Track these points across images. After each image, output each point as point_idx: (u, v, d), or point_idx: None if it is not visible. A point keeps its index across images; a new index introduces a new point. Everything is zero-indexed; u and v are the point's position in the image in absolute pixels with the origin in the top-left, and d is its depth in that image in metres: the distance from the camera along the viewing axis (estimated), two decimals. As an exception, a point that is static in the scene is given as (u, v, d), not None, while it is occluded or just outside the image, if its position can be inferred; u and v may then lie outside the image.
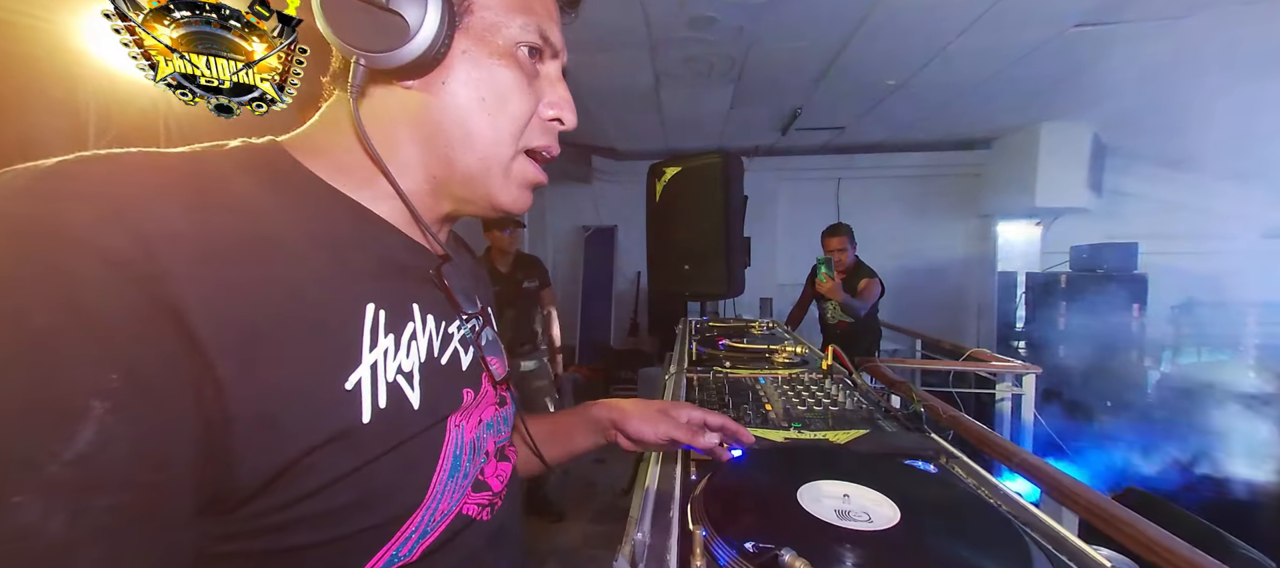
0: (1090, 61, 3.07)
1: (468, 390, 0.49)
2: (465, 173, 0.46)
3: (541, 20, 0.47)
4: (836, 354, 1.28)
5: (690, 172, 2.39)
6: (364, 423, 0.38)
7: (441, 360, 0.47)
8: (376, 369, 0.40)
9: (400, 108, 0.44)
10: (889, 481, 0.62)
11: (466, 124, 0.45)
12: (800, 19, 2.63)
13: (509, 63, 0.45)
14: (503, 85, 0.45)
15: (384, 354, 0.40)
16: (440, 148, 0.45)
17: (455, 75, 0.44)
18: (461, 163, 0.46)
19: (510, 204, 0.49)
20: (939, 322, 4.87)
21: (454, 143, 0.45)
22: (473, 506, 0.49)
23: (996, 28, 2.64)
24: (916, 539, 0.52)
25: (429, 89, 0.44)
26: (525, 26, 0.46)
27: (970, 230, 5.40)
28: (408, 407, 0.41)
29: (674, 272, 2.43)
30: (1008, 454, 1.23)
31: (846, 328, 3.25)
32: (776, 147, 5.17)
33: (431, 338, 0.46)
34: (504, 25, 0.45)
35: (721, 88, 3.58)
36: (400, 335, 0.42)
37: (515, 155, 0.48)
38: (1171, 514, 1.43)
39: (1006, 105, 3.90)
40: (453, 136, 0.45)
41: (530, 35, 0.46)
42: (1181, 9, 2.43)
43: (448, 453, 0.46)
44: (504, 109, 0.45)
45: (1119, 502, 0.98)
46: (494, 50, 0.45)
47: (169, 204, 0.32)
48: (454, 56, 0.44)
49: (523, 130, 0.47)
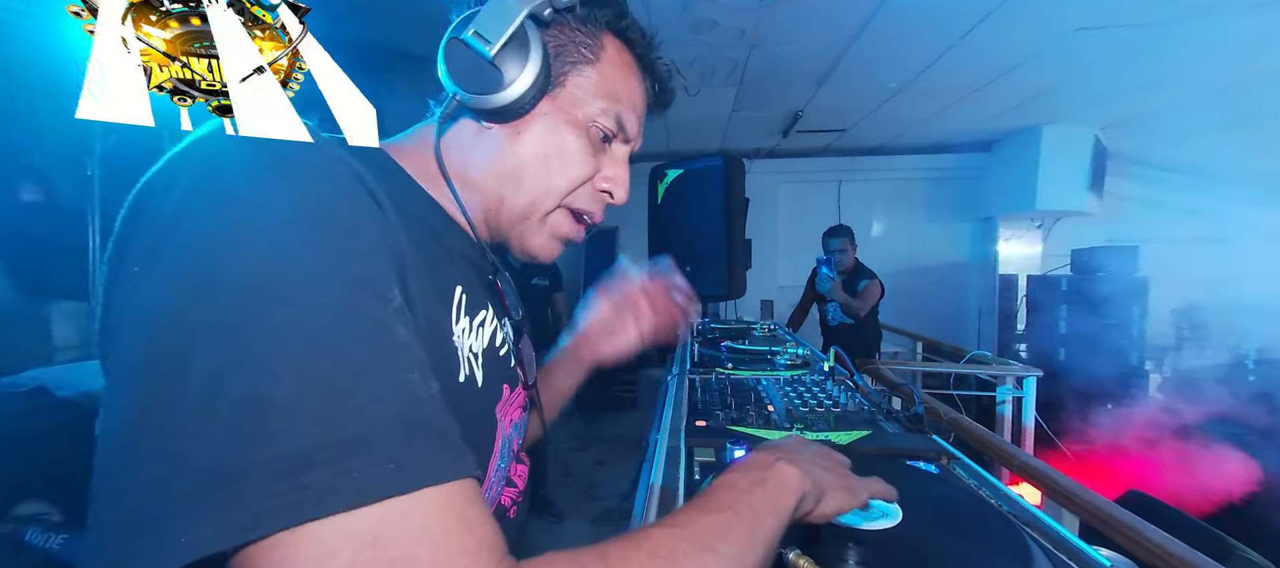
0: (1091, 65, 3.08)
1: (506, 386, 0.53)
2: (511, 211, 0.52)
3: (623, 110, 0.53)
4: (838, 356, 1.28)
5: (692, 174, 2.39)
6: (459, 382, 0.44)
7: (498, 351, 0.52)
8: (460, 340, 0.46)
9: (478, 140, 0.51)
10: (891, 481, 0.63)
11: (524, 171, 0.51)
12: (802, 22, 2.64)
13: (579, 133, 0.52)
14: (568, 150, 0.51)
15: (462, 332, 0.47)
16: (496, 184, 0.52)
17: (532, 130, 0.50)
18: (510, 201, 0.52)
19: (538, 250, 0.55)
20: (940, 324, 4.86)
21: (508, 183, 0.51)
22: (507, 498, 0.52)
23: (998, 31, 2.65)
24: (918, 538, 0.53)
25: (507, 134, 0.50)
26: (605, 111, 0.52)
27: (971, 233, 5.40)
28: (476, 382, 0.47)
29: (675, 273, 2.43)
30: (1008, 457, 1.24)
31: (847, 329, 3.25)
32: (778, 149, 5.18)
33: (494, 329, 0.52)
34: (586, 104, 0.52)
35: (723, 90, 3.58)
36: (474, 319, 0.49)
37: (556, 208, 0.53)
38: (1170, 517, 1.43)
39: (1007, 108, 3.91)
40: (509, 177, 0.51)
41: (607, 120, 0.53)
42: (1183, 13, 2.44)
43: (500, 439, 0.51)
44: (562, 170, 0.52)
45: (1118, 504, 0.98)
46: (571, 120, 0.51)
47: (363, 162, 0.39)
48: (536, 115, 0.50)
49: (572, 191, 0.53)
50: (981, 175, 5.16)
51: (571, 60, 0.51)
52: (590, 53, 0.51)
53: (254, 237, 0.29)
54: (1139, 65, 3.02)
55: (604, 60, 0.52)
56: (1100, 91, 3.51)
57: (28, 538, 1.70)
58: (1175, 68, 3.03)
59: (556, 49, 0.50)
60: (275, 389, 0.25)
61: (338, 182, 0.35)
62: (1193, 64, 2.97)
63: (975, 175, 5.21)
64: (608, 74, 0.52)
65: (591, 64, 0.52)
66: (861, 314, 3.17)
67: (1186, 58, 2.90)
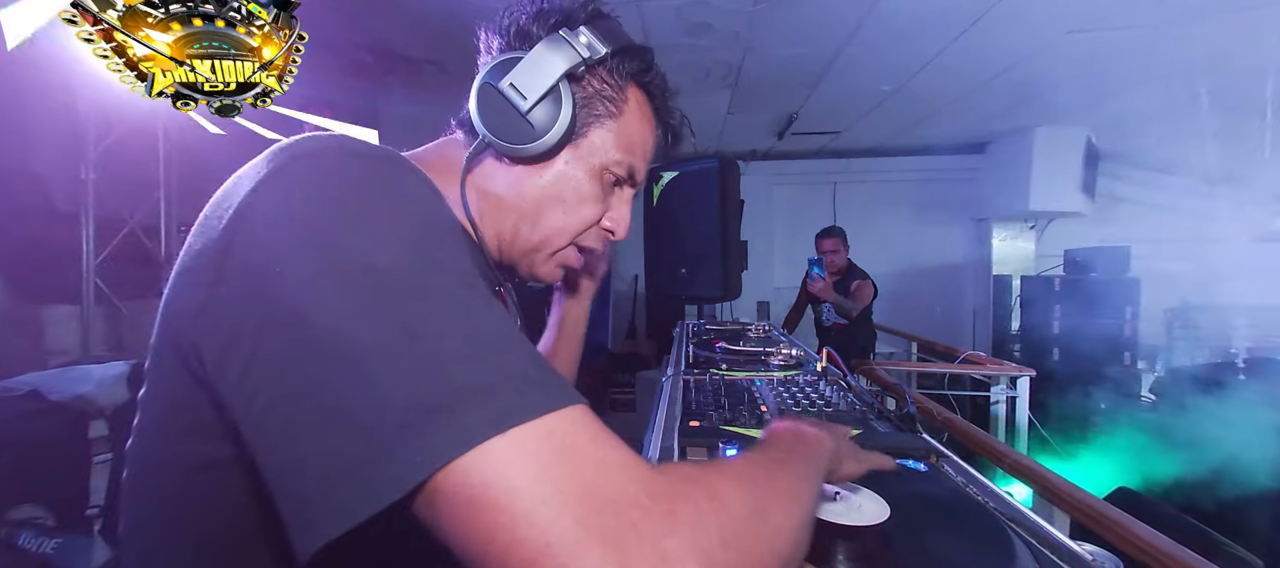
0: (1083, 67, 3.11)
1: None
2: (524, 244, 0.56)
3: (636, 161, 0.57)
4: (831, 356, 1.30)
5: (687, 176, 2.40)
6: None
7: None
8: None
9: (500, 175, 0.55)
10: (880, 479, 0.64)
11: (542, 210, 0.55)
12: (796, 25, 2.65)
13: (594, 180, 0.56)
14: (583, 195, 0.56)
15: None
16: (514, 217, 0.55)
17: (551, 172, 0.54)
18: (524, 235, 0.56)
19: (545, 277, 0.60)
20: (934, 325, 4.89)
21: (526, 218, 0.55)
22: None
23: (990, 33, 2.67)
24: (905, 534, 0.54)
25: (529, 173, 0.54)
26: (620, 163, 0.56)
27: (965, 234, 5.43)
28: None
29: (671, 275, 2.44)
30: (1000, 456, 1.25)
31: (841, 330, 3.26)
32: (773, 151, 5.21)
33: None
34: (605, 154, 0.55)
35: (718, 93, 3.60)
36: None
37: (566, 246, 0.58)
38: (1160, 514, 1.45)
39: (1000, 110, 3.94)
40: (526, 214, 0.55)
41: (622, 170, 0.57)
42: (1173, 16, 2.47)
43: None
44: (575, 212, 0.56)
45: (1109, 502, 1.00)
46: (588, 168, 0.55)
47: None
48: (557, 160, 0.54)
49: (581, 232, 0.58)
50: (975, 177, 5.19)
51: (597, 114, 0.54)
52: (614, 106, 0.55)
53: (393, 233, 0.34)
54: (1130, 67, 3.06)
55: (626, 113, 0.55)
56: (1092, 94, 3.55)
57: (21, 542, 1.69)
58: (1166, 70, 3.06)
59: (583, 100, 0.53)
60: (452, 344, 0.31)
61: (423, 186, 0.40)
62: (1183, 66, 3.00)
63: (969, 177, 5.24)
64: (628, 126, 0.56)
65: (614, 116, 0.55)
66: (853, 314, 3.18)
67: (1177, 60, 2.93)
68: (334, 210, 0.34)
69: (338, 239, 0.33)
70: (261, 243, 0.33)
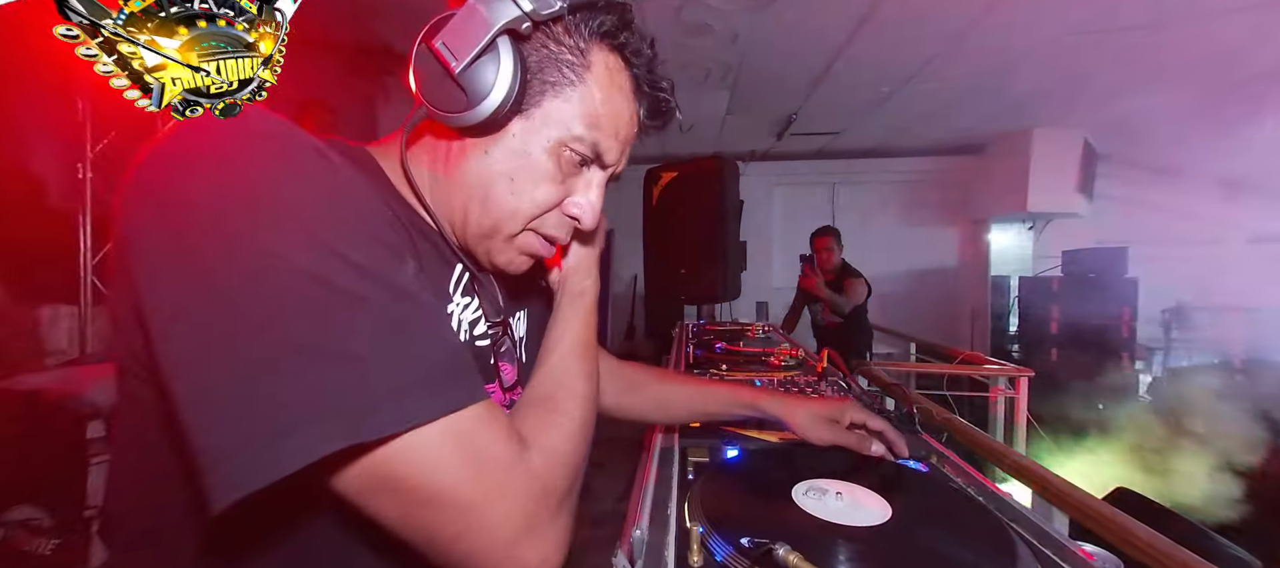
0: (1081, 69, 3.12)
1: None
2: (475, 228, 0.50)
3: (602, 137, 0.49)
4: (831, 357, 1.30)
5: (686, 176, 2.41)
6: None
7: (476, 341, 0.54)
8: (454, 315, 0.49)
9: (448, 150, 0.50)
10: (881, 479, 0.64)
11: (489, 190, 0.48)
12: (795, 26, 2.66)
13: (550, 157, 0.48)
14: (535, 173, 0.48)
15: (458, 307, 0.50)
16: (462, 197, 0.49)
17: (499, 147, 0.47)
18: (474, 218, 0.50)
19: (505, 266, 0.53)
20: (933, 325, 4.90)
21: (474, 200, 0.49)
22: None
23: (989, 35, 2.68)
24: (905, 534, 0.54)
25: (475, 148, 0.48)
26: (580, 138, 0.48)
27: (964, 235, 5.44)
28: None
29: (670, 275, 2.45)
30: (999, 456, 1.25)
31: (836, 330, 3.27)
32: (772, 152, 5.21)
33: (477, 318, 0.54)
34: (561, 128, 0.47)
35: (717, 94, 3.60)
36: (465, 304, 0.52)
37: (522, 231, 0.51)
38: (1159, 513, 1.45)
39: (999, 111, 3.95)
40: (474, 194, 0.49)
41: (582, 147, 0.48)
42: (1171, 17, 2.48)
43: None
44: (527, 193, 0.49)
45: (1107, 502, 1.00)
46: (542, 143, 0.48)
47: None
48: (505, 134, 0.47)
49: (537, 216, 0.50)
50: (973, 177, 5.20)
51: (550, 80, 0.47)
52: (573, 72, 0.47)
53: (299, 219, 0.34)
54: (1128, 68, 3.07)
55: (589, 80, 0.47)
56: (1090, 95, 3.56)
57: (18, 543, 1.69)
58: (1164, 71, 3.07)
59: (537, 64, 0.46)
60: (358, 346, 0.34)
61: (324, 163, 0.37)
62: (1181, 67, 3.01)
63: (967, 177, 5.25)
64: (591, 96, 0.47)
65: (573, 84, 0.47)
66: (845, 310, 3.20)
67: (1175, 61, 2.94)
68: (230, 197, 0.33)
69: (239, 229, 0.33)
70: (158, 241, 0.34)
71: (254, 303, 0.32)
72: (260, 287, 0.32)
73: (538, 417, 0.45)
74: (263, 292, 0.32)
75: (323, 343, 0.32)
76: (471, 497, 0.35)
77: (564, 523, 0.41)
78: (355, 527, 0.40)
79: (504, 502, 0.37)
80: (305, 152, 0.37)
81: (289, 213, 0.34)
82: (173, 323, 0.33)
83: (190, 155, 0.34)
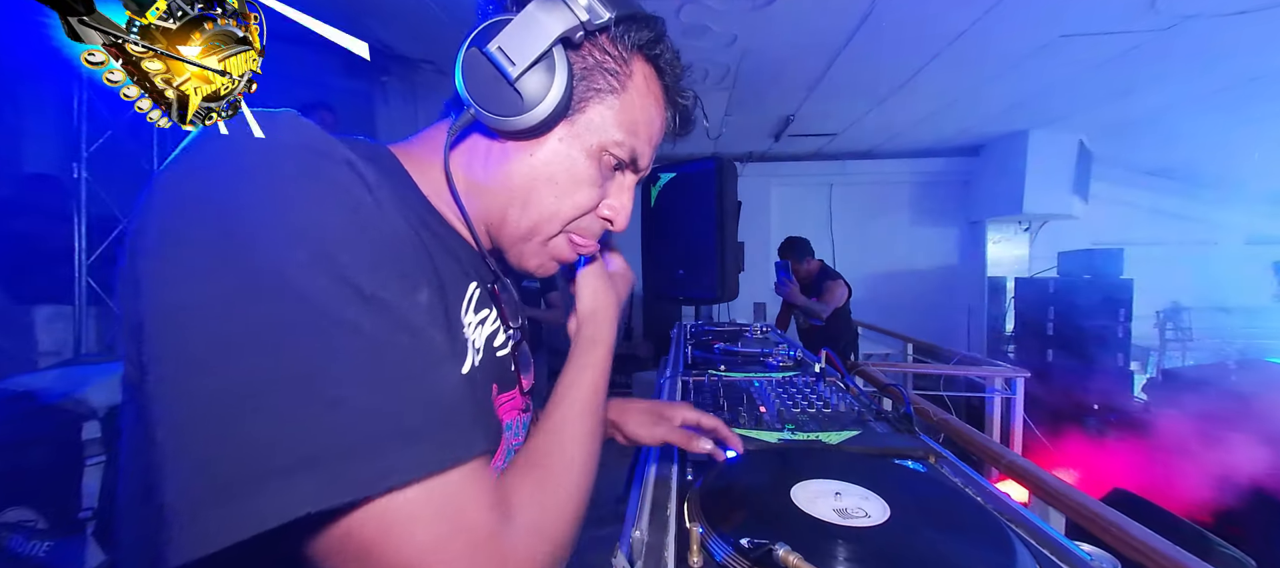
0: (1077, 71, 3.14)
1: (496, 385, 0.53)
2: (513, 229, 0.51)
3: (639, 144, 0.51)
4: (829, 358, 1.30)
5: (684, 177, 2.40)
6: (463, 373, 0.44)
7: (496, 351, 0.53)
8: (468, 333, 0.48)
9: (490, 153, 0.50)
10: (879, 479, 0.64)
11: (531, 192, 0.49)
12: (792, 29, 2.66)
13: (592, 162, 0.50)
14: (579, 176, 0.50)
15: (470, 325, 0.48)
16: (503, 199, 0.50)
17: (545, 151, 0.49)
18: (513, 219, 0.50)
19: (536, 270, 0.54)
20: (930, 326, 4.91)
21: (516, 201, 0.50)
22: None
23: (985, 38, 2.69)
24: (905, 534, 0.54)
25: (519, 151, 0.49)
26: (621, 144, 0.50)
27: (960, 236, 5.46)
28: (475, 378, 0.47)
29: (668, 277, 2.44)
30: (996, 456, 1.25)
31: (819, 333, 3.28)
32: (770, 153, 5.22)
33: (495, 329, 0.53)
34: (604, 133, 0.49)
35: (715, 95, 3.61)
36: (481, 318, 0.51)
37: (559, 234, 0.52)
38: (1155, 514, 1.46)
39: (995, 113, 3.97)
40: (516, 196, 0.50)
41: (622, 152, 0.51)
42: (1166, 21, 2.49)
43: (506, 438, 0.52)
44: (569, 196, 0.50)
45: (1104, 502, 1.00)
46: (585, 147, 0.49)
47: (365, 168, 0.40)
48: (551, 137, 0.48)
49: (576, 219, 0.52)
50: (969, 179, 5.22)
51: (596, 87, 0.48)
52: (617, 81, 0.49)
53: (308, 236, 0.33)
54: (1123, 71, 3.08)
55: (630, 89, 0.50)
56: (1085, 97, 3.58)
57: (12, 545, 1.68)
58: (1158, 74, 3.09)
59: (582, 72, 0.48)
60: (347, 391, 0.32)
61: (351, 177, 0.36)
62: (1175, 70, 3.03)
63: (963, 179, 5.28)
64: (631, 103, 0.50)
65: (616, 92, 0.49)
66: (823, 316, 3.21)
67: (1169, 64, 2.96)
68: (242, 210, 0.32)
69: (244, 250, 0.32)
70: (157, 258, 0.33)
71: (243, 324, 0.31)
72: (251, 307, 0.31)
73: (529, 484, 0.43)
74: (252, 312, 0.31)
75: (307, 379, 0.31)
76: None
77: None
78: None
79: None
80: (333, 163, 0.35)
81: (300, 230, 0.33)
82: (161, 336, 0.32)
83: (213, 164, 0.34)
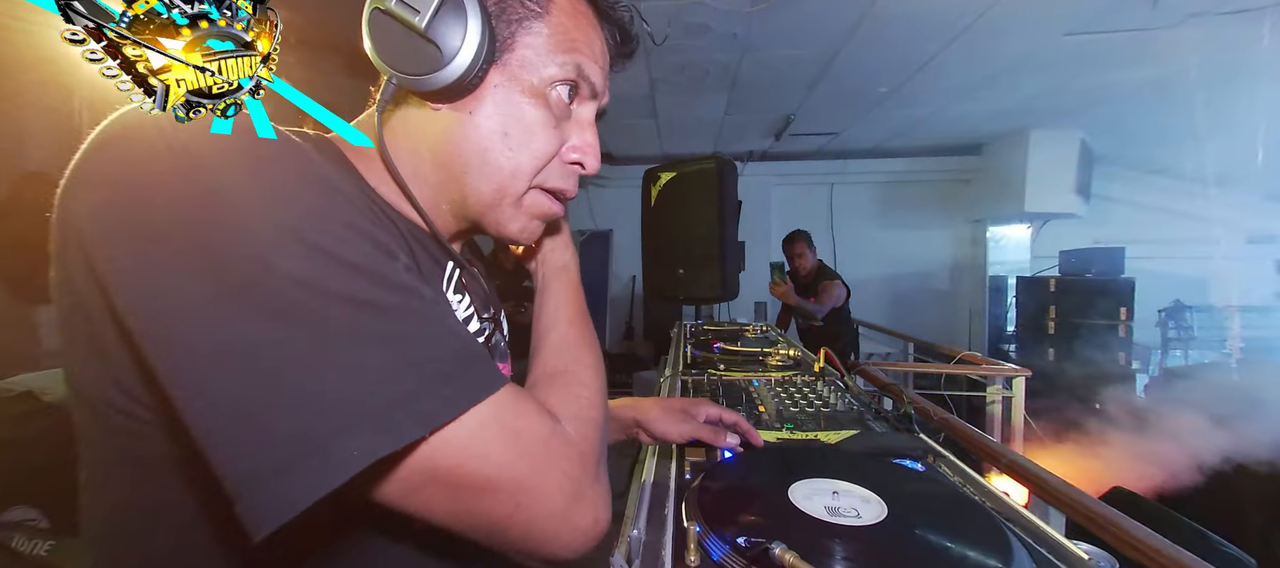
0: (1079, 70, 3.13)
1: None
2: (478, 199, 0.47)
3: (583, 59, 0.47)
4: (829, 357, 1.30)
5: (685, 176, 2.40)
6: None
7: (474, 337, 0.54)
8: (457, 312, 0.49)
9: (427, 126, 0.46)
10: (877, 478, 0.64)
11: (486, 153, 0.46)
12: (793, 27, 2.66)
13: (539, 102, 0.46)
14: (529, 122, 0.46)
15: (455, 304, 0.50)
16: (457, 171, 0.46)
17: (484, 106, 0.45)
18: (475, 189, 0.47)
19: (518, 234, 0.50)
20: (931, 325, 4.91)
21: (471, 169, 0.46)
22: None
23: (986, 37, 2.69)
24: (902, 533, 0.54)
25: (457, 114, 0.45)
26: (563, 65, 0.46)
27: (961, 235, 5.45)
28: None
29: (669, 276, 2.44)
30: (996, 455, 1.25)
31: (818, 332, 3.28)
32: (770, 152, 5.21)
33: (471, 314, 0.54)
34: (542, 65, 0.45)
35: (716, 94, 3.61)
36: (458, 302, 0.52)
37: (529, 190, 0.48)
38: (1155, 513, 1.46)
39: (996, 112, 3.96)
40: (470, 163, 0.46)
41: (567, 71, 0.46)
42: (1168, 19, 2.48)
43: None
44: (526, 146, 0.46)
45: (1104, 501, 1.00)
46: (526, 88, 0.45)
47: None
48: (486, 88, 0.44)
49: (541, 168, 0.48)
50: (971, 178, 5.21)
51: (516, 17, 0.44)
52: (537, 4, 0.45)
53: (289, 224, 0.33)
54: (1125, 70, 3.07)
55: (554, 10, 0.46)
56: (1087, 96, 3.57)
57: (15, 545, 1.68)
58: (1160, 72, 3.08)
59: (497, 7, 0.44)
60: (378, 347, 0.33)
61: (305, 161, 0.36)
62: (1177, 68, 3.02)
63: (965, 178, 5.26)
64: (560, 25, 0.46)
65: (540, 16, 0.45)
66: (818, 317, 3.20)
67: (1171, 62, 2.95)
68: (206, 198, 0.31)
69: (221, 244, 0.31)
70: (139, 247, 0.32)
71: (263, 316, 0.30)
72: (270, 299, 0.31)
73: (558, 390, 0.46)
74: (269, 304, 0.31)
75: (344, 351, 0.31)
76: (519, 475, 0.36)
77: (604, 483, 0.43)
78: (389, 536, 0.41)
79: (551, 474, 0.37)
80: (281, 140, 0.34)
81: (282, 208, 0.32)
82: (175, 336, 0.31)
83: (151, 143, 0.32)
